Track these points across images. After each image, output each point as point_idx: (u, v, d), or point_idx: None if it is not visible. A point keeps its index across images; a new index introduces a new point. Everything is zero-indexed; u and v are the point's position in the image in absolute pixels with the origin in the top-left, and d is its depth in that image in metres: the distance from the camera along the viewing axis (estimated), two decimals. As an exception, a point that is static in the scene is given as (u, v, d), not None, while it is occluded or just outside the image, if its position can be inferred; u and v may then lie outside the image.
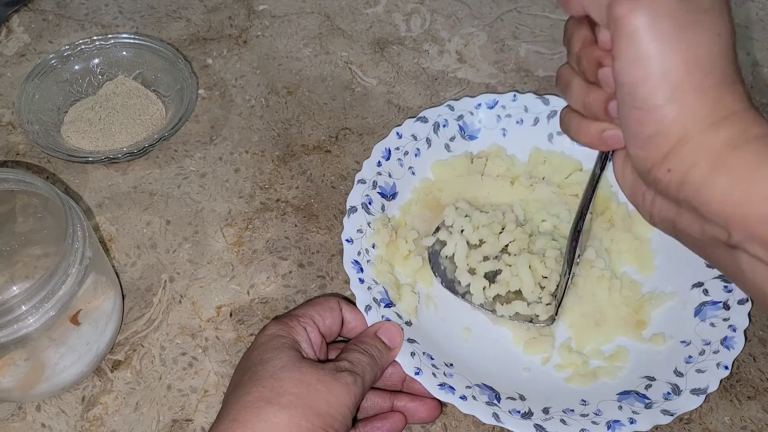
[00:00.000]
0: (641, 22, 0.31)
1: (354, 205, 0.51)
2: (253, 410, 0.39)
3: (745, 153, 0.31)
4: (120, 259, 0.54)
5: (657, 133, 0.33)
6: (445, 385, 0.44)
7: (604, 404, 0.45)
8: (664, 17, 0.31)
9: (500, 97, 0.57)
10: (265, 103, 0.63)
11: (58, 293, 0.41)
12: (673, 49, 0.32)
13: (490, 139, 0.57)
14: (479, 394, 0.45)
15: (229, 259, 0.54)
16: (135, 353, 0.50)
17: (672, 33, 0.32)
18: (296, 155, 0.60)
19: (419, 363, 0.45)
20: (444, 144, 0.56)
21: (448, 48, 0.67)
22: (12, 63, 0.65)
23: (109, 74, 0.62)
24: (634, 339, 0.49)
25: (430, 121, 0.56)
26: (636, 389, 0.46)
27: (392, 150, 0.54)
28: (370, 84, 0.65)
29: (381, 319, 0.47)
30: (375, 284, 0.48)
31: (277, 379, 0.40)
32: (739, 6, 0.72)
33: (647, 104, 0.33)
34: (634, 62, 0.32)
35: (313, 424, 0.38)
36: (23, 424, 0.46)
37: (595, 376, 0.47)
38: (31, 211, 0.47)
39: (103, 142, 0.58)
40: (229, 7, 0.70)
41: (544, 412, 0.44)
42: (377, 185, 0.53)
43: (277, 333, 0.43)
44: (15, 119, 0.61)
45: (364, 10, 0.70)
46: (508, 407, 0.44)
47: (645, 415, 0.44)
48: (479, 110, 0.57)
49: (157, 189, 0.57)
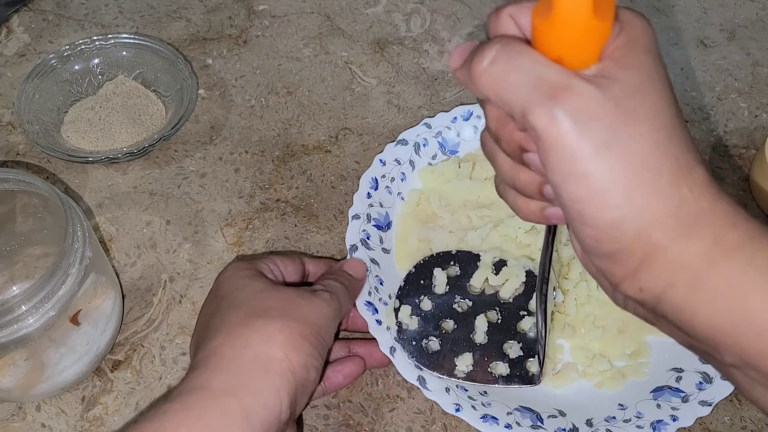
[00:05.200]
0: (566, 133, 0.27)
1: (354, 244, 0.50)
2: (243, 325, 0.40)
3: (726, 271, 0.27)
4: (120, 259, 0.54)
5: (618, 250, 0.28)
6: (488, 416, 0.44)
7: (642, 405, 0.45)
8: (591, 120, 0.27)
9: (474, 107, 0.57)
10: (265, 103, 0.63)
11: (58, 293, 0.41)
12: (611, 154, 0.27)
13: (471, 148, 0.57)
14: (521, 418, 0.44)
15: (229, 259, 0.54)
16: (135, 353, 0.50)
17: (605, 136, 0.27)
18: (296, 155, 0.60)
19: (456, 398, 0.45)
20: (427, 163, 0.56)
21: (448, 48, 0.67)
22: (12, 63, 0.65)
23: (109, 74, 0.62)
24: (654, 334, 0.49)
25: (410, 143, 0.56)
26: (668, 384, 0.46)
27: (379, 179, 0.54)
28: (370, 84, 0.65)
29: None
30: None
31: (260, 299, 0.41)
32: (739, 6, 0.72)
33: (598, 223, 0.28)
34: (569, 178, 0.28)
35: (302, 330, 0.40)
36: (23, 424, 0.46)
37: (624, 376, 0.48)
38: (31, 211, 0.47)
39: (103, 142, 0.58)
40: (229, 7, 0.70)
41: (588, 425, 0.45)
42: (371, 218, 0.52)
43: (243, 267, 0.44)
44: (15, 119, 0.61)
45: (364, 10, 0.70)
46: (553, 427, 0.44)
47: (685, 410, 0.45)
48: (455, 124, 0.57)
49: (157, 189, 0.57)
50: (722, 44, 0.68)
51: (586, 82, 0.27)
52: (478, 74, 0.29)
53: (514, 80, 0.28)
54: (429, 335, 0.48)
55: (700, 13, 0.71)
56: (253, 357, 0.38)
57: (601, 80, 0.28)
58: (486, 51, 0.29)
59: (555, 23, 0.28)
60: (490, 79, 0.28)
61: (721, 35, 0.69)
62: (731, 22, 0.70)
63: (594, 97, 0.27)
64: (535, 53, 0.28)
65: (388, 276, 0.50)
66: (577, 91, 0.27)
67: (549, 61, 0.28)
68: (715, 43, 0.69)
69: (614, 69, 0.28)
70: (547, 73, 0.28)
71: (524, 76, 0.28)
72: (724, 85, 0.66)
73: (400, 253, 0.52)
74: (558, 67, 0.28)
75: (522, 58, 0.28)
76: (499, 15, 0.31)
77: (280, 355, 0.38)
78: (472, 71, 0.29)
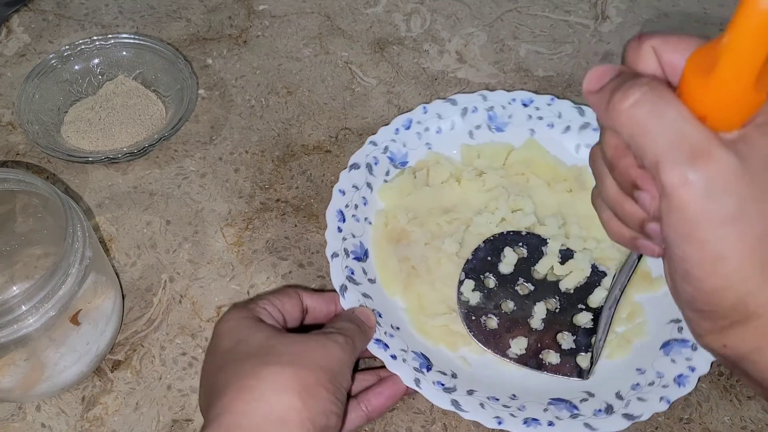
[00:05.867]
0: (696, 199, 0.27)
1: (343, 284, 0.48)
2: (254, 377, 0.37)
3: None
4: (120, 259, 0.54)
5: (713, 311, 0.29)
6: (528, 419, 0.44)
7: (658, 364, 0.47)
8: (724, 192, 0.27)
9: (413, 115, 0.57)
10: (265, 103, 0.63)
11: (58, 293, 0.41)
12: (734, 228, 0.27)
13: (421, 155, 0.56)
14: (558, 411, 0.45)
15: (229, 259, 0.54)
16: (135, 353, 0.50)
17: (733, 210, 0.27)
18: (296, 155, 0.60)
19: (495, 412, 0.45)
20: (383, 181, 0.55)
21: (448, 48, 0.67)
22: (12, 63, 0.65)
23: (109, 74, 0.62)
24: (640, 292, 0.50)
25: (362, 166, 0.55)
26: (672, 337, 0.47)
27: (343, 209, 0.52)
28: (370, 84, 0.65)
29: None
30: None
31: (268, 348, 0.39)
32: (739, 6, 0.72)
33: (703, 286, 0.28)
34: (687, 240, 0.28)
35: (317, 376, 0.38)
36: (23, 424, 0.46)
37: (628, 340, 0.49)
38: (31, 211, 0.47)
39: (103, 142, 0.58)
40: (229, 7, 0.70)
41: (619, 398, 0.45)
42: (349, 252, 0.51)
43: (242, 315, 0.42)
44: (15, 119, 0.61)
45: (364, 10, 0.70)
46: (590, 410, 0.45)
47: (698, 358, 0.46)
48: (398, 135, 0.56)
49: (157, 189, 0.57)
50: (722, 44, 0.68)
51: (727, 150, 0.27)
52: (617, 110, 0.28)
53: (654, 129, 0.28)
54: (489, 313, 0.49)
55: (700, 13, 0.71)
56: (267, 410, 0.36)
57: (741, 147, 0.27)
58: (632, 90, 0.28)
59: (712, 84, 0.27)
60: (630, 120, 0.28)
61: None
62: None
63: (731, 168, 0.27)
64: (681, 107, 0.28)
65: (382, 305, 0.49)
66: (716, 158, 0.27)
67: (694, 118, 0.27)
68: (715, 43, 0.69)
69: (758, 137, 0.28)
70: (691, 132, 0.27)
71: (667, 128, 0.27)
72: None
73: (385, 279, 0.51)
74: (702, 129, 0.27)
75: (668, 109, 0.27)
76: (641, 46, 0.30)
77: (297, 404, 0.37)
78: (613, 105, 0.28)
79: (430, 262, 0.51)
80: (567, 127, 0.57)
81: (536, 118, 0.57)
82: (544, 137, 0.57)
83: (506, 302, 0.50)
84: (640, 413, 0.44)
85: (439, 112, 0.57)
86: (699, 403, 0.48)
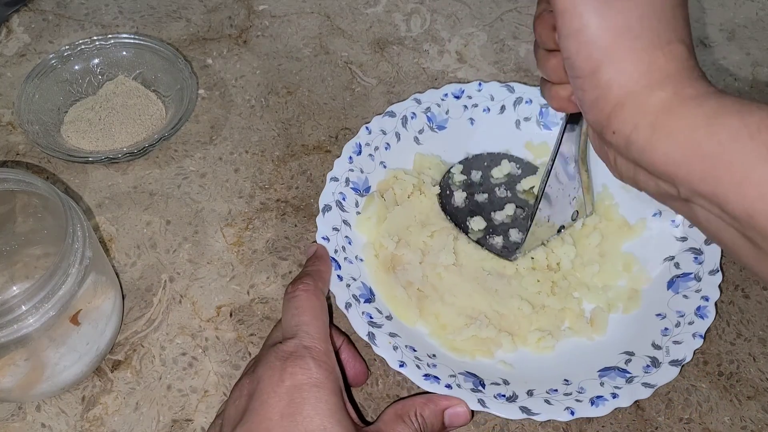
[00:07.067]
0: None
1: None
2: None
3: (680, 114, 0.32)
4: (120, 259, 0.54)
5: (597, 97, 0.35)
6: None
7: (673, 302, 0.48)
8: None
9: (360, 137, 0.56)
10: (265, 103, 0.63)
11: (58, 293, 0.41)
12: (601, 17, 0.33)
13: (380, 176, 0.56)
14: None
15: (229, 259, 0.54)
16: (135, 353, 0.50)
17: (602, 3, 0.33)
18: (296, 155, 0.60)
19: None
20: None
21: (448, 48, 0.67)
22: (12, 63, 0.65)
23: (109, 74, 0.62)
24: (626, 239, 0.53)
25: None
26: (673, 274, 0.50)
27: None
28: (370, 84, 0.65)
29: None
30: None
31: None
32: (739, 6, 0.72)
33: (584, 72, 0.35)
34: (569, 36, 0.34)
35: None
36: (23, 424, 0.46)
37: (635, 289, 0.51)
38: (31, 211, 0.47)
39: (103, 142, 0.58)
40: (229, 7, 0.70)
41: (656, 348, 0.46)
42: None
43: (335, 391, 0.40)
44: (15, 119, 0.61)
45: (364, 10, 0.70)
46: (639, 366, 0.46)
47: (707, 286, 0.48)
48: (353, 162, 0.55)
49: (157, 189, 0.57)
50: (722, 44, 0.69)
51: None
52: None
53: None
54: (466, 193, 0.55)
55: (699, 13, 0.71)
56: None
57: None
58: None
59: None
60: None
61: (721, 35, 0.69)
62: (731, 22, 0.70)
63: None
64: None
65: (409, 338, 0.48)
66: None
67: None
68: (715, 43, 0.69)
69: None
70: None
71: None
72: (724, 85, 0.66)
73: (399, 311, 0.49)
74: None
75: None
76: None
77: None
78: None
79: (431, 280, 0.51)
80: (502, 107, 0.58)
81: (471, 106, 0.58)
82: (484, 122, 0.58)
83: (482, 194, 0.55)
84: (683, 356, 0.45)
85: (382, 128, 0.56)
86: (699, 403, 0.48)
